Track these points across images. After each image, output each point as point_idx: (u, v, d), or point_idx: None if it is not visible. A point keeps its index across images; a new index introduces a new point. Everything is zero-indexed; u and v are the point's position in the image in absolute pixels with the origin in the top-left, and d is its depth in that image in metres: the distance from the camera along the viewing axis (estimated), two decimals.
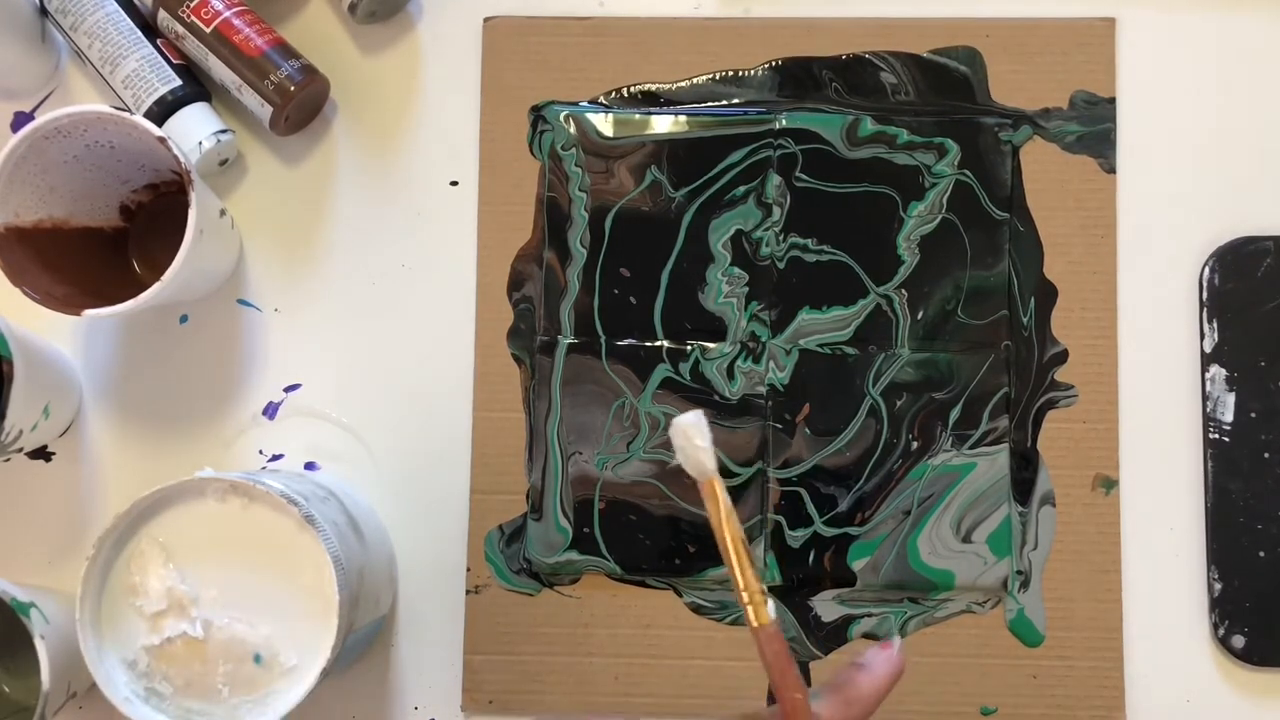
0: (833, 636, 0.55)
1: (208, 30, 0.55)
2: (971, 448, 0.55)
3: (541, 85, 0.58)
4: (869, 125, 0.56)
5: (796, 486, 0.55)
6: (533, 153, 0.57)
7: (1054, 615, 0.55)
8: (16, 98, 0.59)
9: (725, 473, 0.55)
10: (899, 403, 0.55)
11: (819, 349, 0.56)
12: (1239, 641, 0.54)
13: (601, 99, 0.58)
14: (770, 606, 0.40)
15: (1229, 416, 0.55)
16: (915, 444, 0.55)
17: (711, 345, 0.56)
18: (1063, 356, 0.56)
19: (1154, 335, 0.56)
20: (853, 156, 0.56)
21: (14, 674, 0.54)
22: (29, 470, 0.57)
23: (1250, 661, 0.54)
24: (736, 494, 0.55)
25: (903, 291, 0.56)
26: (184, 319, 0.58)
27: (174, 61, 0.56)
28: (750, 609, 0.40)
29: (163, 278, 0.50)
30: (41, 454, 0.57)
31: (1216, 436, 0.55)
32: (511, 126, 0.58)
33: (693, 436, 0.40)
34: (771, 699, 0.55)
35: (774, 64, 0.57)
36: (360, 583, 0.50)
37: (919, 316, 0.56)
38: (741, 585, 0.40)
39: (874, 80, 0.57)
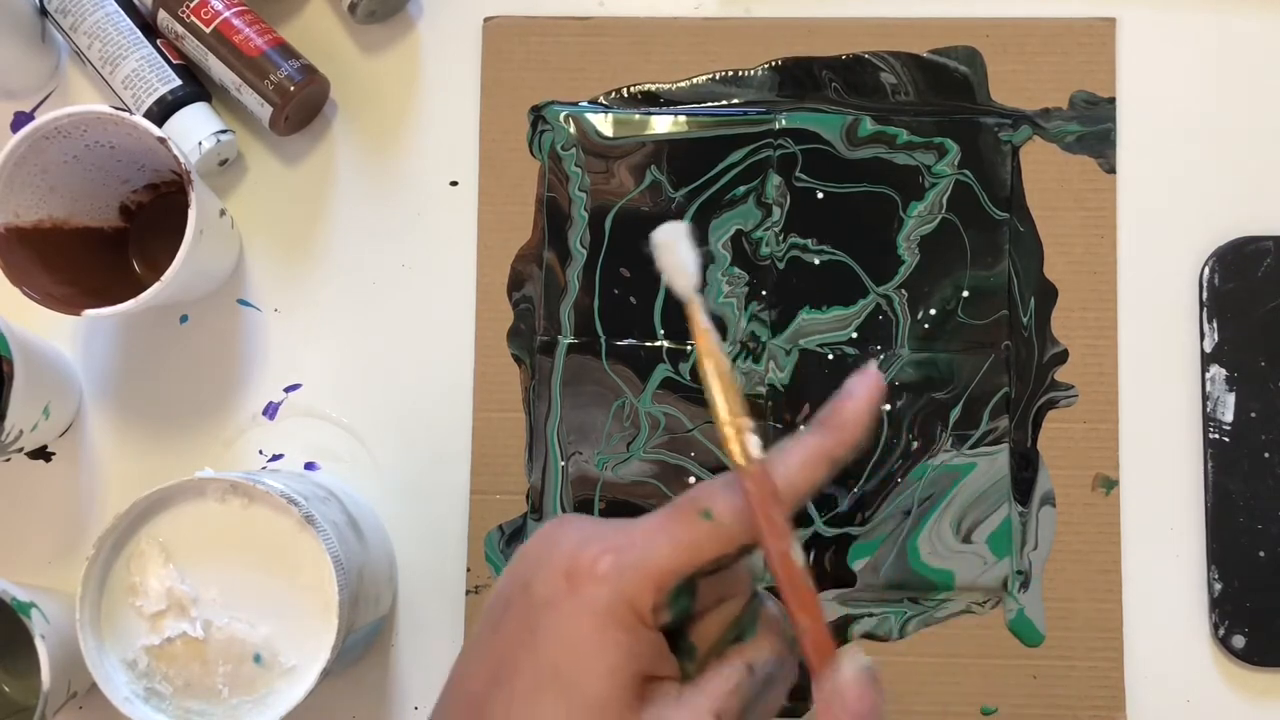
0: (833, 636, 0.55)
1: (207, 30, 0.55)
2: (972, 448, 0.55)
3: (541, 85, 0.58)
4: (869, 125, 0.56)
5: None
6: (533, 153, 0.57)
7: (1054, 615, 0.55)
8: (16, 98, 0.59)
9: None
10: (899, 403, 0.55)
11: (819, 349, 0.56)
12: (1239, 641, 0.54)
13: (601, 99, 0.58)
14: (755, 441, 0.36)
15: (1229, 416, 0.55)
16: (915, 444, 0.55)
17: None
18: (1063, 356, 0.56)
19: (1154, 335, 0.56)
20: (853, 156, 0.56)
21: (14, 674, 0.54)
22: (29, 470, 0.57)
23: (1250, 661, 0.54)
24: None
25: (903, 291, 0.56)
26: (184, 319, 0.58)
27: (174, 61, 0.56)
28: (734, 443, 0.36)
29: (163, 278, 0.50)
30: (41, 454, 0.57)
31: (1216, 436, 0.55)
32: (511, 126, 0.58)
33: (674, 249, 0.37)
34: None
35: (774, 64, 0.57)
36: (360, 583, 0.50)
37: (919, 316, 0.56)
38: (725, 416, 0.36)
39: (874, 80, 0.57)
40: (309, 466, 0.57)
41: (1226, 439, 0.55)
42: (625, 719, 0.35)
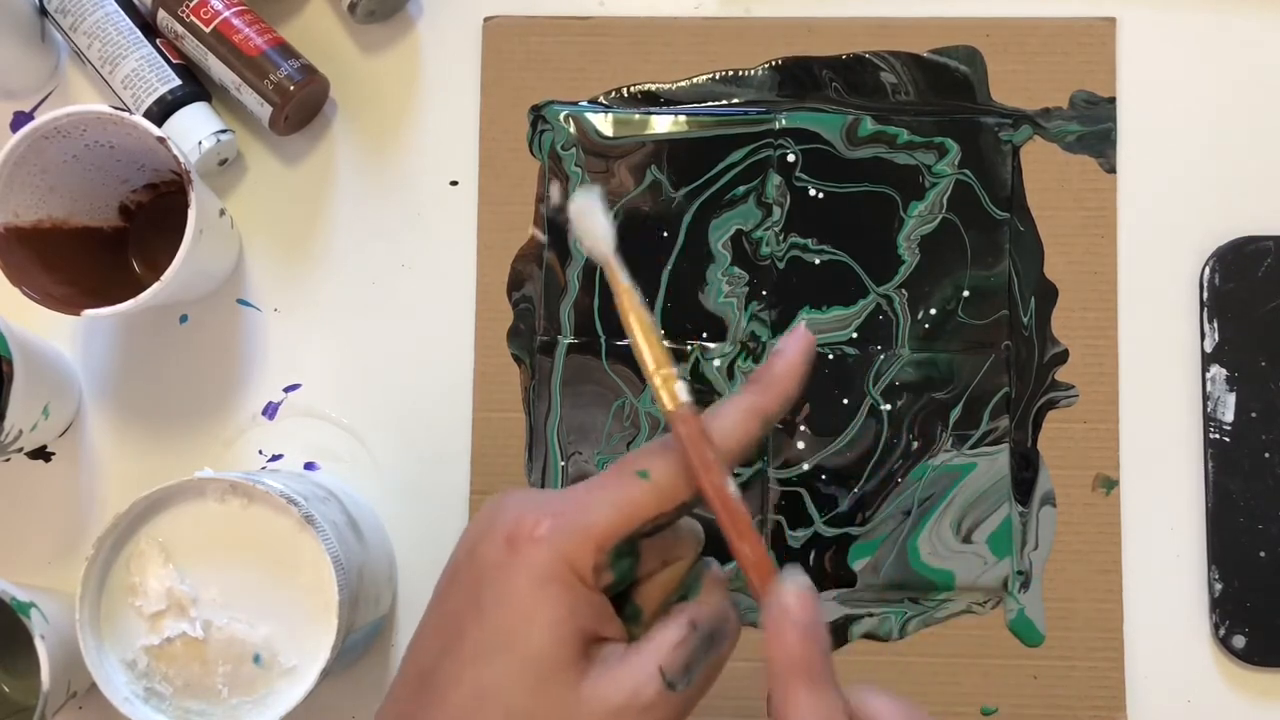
0: (833, 637, 0.55)
1: (207, 30, 0.55)
2: (972, 448, 0.55)
3: (541, 85, 0.58)
4: (869, 125, 0.56)
5: (797, 487, 0.55)
6: (533, 153, 0.57)
7: (1054, 615, 0.55)
8: (16, 98, 0.59)
9: None
10: (899, 403, 0.55)
11: (819, 349, 0.56)
12: (1239, 641, 0.54)
13: (601, 99, 0.58)
14: (682, 387, 0.37)
15: (1229, 416, 0.55)
16: (915, 444, 0.55)
17: (712, 345, 0.56)
18: (1063, 356, 0.56)
19: (1154, 335, 0.56)
20: (853, 156, 0.56)
21: (14, 674, 0.54)
22: (29, 470, 0.57)
23: (1250, 661, 0.54)
24: None
25: (903, 291, 0.56)
26: (184, 319, 0.58)
27: (174, 61, 0.56)
28: (662, 390, 0.38)
29: (162, 278, 0.50)
30: (41, 454, 0.57)
31: (1217, 436, 0.55)
32: (511, 126, 0.58)
33: (589, 215, 0.38)
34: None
35: (774, 64, 0.57)
36: (360, 583, 0.50)
37: (919, 316, 0.56)
38: (652, 367, 0.38)
39: (874, 80, 0.57)
40: (309, 466, 0.57)
41: (1227, 439, 0.55)
42: (570, 676, 0.36)
